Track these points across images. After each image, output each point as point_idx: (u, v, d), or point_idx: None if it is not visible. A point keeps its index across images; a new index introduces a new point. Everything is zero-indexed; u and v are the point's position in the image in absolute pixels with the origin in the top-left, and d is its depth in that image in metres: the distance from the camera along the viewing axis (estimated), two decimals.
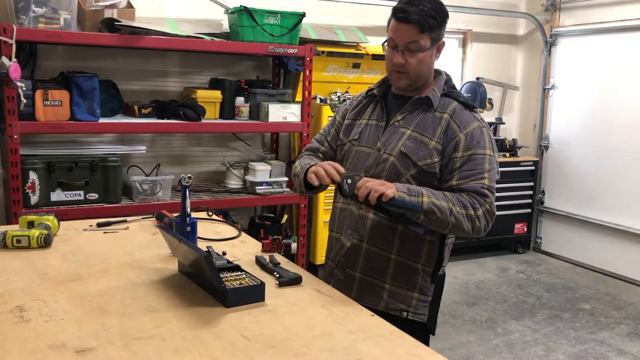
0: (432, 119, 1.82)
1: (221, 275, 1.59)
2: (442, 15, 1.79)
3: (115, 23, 3.27)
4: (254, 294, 1.56)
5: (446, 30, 1.85)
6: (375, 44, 4.56)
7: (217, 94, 3.83)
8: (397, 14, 1.77)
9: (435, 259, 1.87)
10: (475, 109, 1.87)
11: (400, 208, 1.66)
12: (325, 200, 4.15)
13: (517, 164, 5.55)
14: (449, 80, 1.92)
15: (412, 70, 1.80)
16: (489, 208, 1.75)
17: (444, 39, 1.84)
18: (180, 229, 1.86)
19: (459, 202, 1.72)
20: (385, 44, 1.84)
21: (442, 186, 1.80)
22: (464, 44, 5.75)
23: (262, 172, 3.92)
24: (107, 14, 3.35)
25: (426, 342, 1.89)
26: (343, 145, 1.99)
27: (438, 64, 1.95)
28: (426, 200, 1.68)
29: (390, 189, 1.65)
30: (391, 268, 1.85)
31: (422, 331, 1.88)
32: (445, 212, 1.69)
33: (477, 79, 5.47)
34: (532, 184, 5.64)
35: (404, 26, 1.76)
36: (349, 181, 1.68)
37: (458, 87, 5.60)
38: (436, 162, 1.79)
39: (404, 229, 1.81)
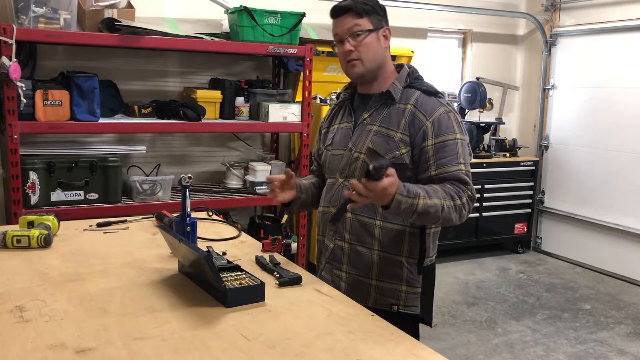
0: (396, 111, 1.85)
1: (221, 275, 1.59)
2: (377, 3, 1.87)
3: (115, 23, 3.27)
4: (254, 294, 1.56)
5: (447, 30, 1.86)
6: None
7: (217, 94, 3.83)
8: (333, 11, 1.88)
9: (418, 250, 1.88)
10: (439, 95, 1.88)
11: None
12: None
13: (517, 164, 5.55)
14: (412, 72, 1.94)
15: (362, 55, 1.84)
16: (470, 194, 1.79)
17: (387, 27, 1.89)
18: (180, 229, 1.86)
19: (448, 195, 1.74)
20: (335, 46, 1.91)
21: (420, 177, 1.82)
22: (464, 44, 5.74)
23: (262, 172, 3.92)
24: (107, 14, 3.35)
25: (417, 332, 1.91)
26: (322, 153, 2.05)
27: (437, 63, 1.96)
28: (421, 203, 1.69)
29: (388, 197, 1.64)
30: (375, 264, 1.88)
31: (413, 323, 1.91)
32: (438, 210, 1.71)
33: (477, 79, 5.47)
34: (532, 184, 5.64)
35: (341, 18, 1.85)
36: (376, 165, 1.60)
37: (458, 87, 5.65)
38: (404, 154, 1.81)
39: (383, 224, 1.85)
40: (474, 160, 5.25)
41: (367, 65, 1.86)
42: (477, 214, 5.26)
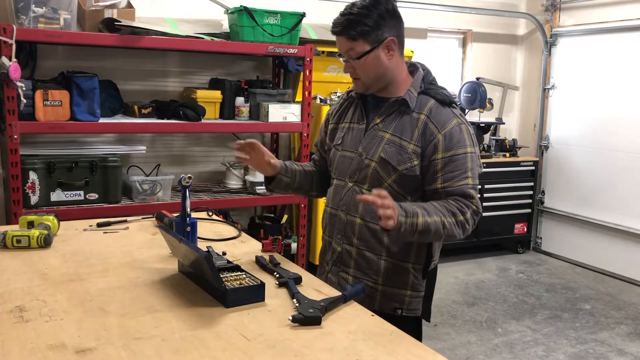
0: (410, 120, 1.81)
1: (221, 275, 1.59)
2: (375, 16, 1.75)
3: (115, 23, 3.27)
4: (254, 294, 1.56)
5: (447, 30, 1.84)
6: None
7: (217, 94, 3.83)
8: (331, 28, 1.83)
9: (424, 257, 1.88)
10: (454, 105, 1.84)
11: None
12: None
13: (517, 164, 5.55)
14: (427, 74, 1.89)
15: (362, 75, 1.83)
16: (475, 209, 1.76)
17: (391, 37, 1.78)
18: (180, 229, 1.86)
19: (449, 212, 1.72)
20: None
21: (427, 189, 1.80)
22: (464, 44, 5.75)
23: None
24: (107, 14, 3.35)
25: (419, 332, 1.92)
26: (330, 150, 2.01)
27: (437, 63, 1.93)
28: (420, 221, 1.67)
29: (390, 220, 1.61)
30: (382, 270, 1.86)
31: (415, 323, 1.91)
32: (439, 227, 1.70)
33: (477, 79, 5.46)
34: (532, 184, 5.64)
35: (338, 38, 1.82)
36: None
37: (458, 87, 5.65)
38: (416, 165, 1.78)
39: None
40: None
41: (368, 83, 1.84)
42: None
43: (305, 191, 2.12)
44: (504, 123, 5.71)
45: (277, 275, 1.72)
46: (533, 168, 5.63)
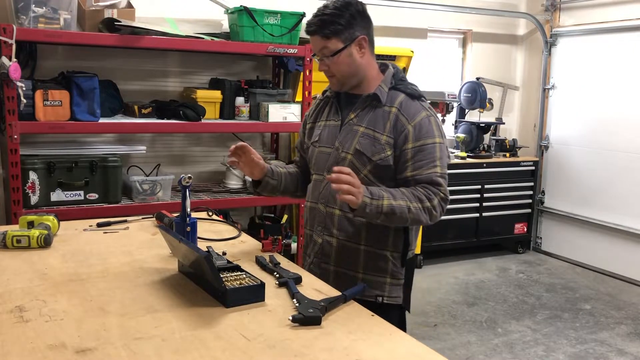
0: (382, 114, 1.90)
1: (221, 275, 1.59)
2: (347, 15, 1.85)
3: (115, 23, 3.27)
4: (254, 294, 1.56)
5: (447, 30, 1.86)
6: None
7: (217, 94, 3.83)
8: (305, 28, 1.93)
9: (402, 245, 1.94)
10: (422, 98, 1.93)
11: None
12: None
13: (517, 164, 5.55)
14: (397, 72, 1.98)
15: (336, 73, 1.92)
16: (443, 196, 1.84)
17: (362, 35, 1.88)
18: (180, 229, 1.86)
19: (415, 197, 1.80)
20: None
21: (398, 178, 1.88)
22: (464, 44, 5.74)
23: None
24: (107, 14, 3.35)
25: (403, 321, 1.99)
26: (308, 148, 2.10)
27: (437, 63, 1.97)
28: (386, 203, 1.75)
29: (349, 195, 1.70)
30: (362, 258, 1.94)
31: (398, 312, 1.98)
32: (404, 211, 1.77)
33: (477, 79, 5.46)
34: (532, 184, 5.64)
35: (312, 37, 1.91)
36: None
37: (458, 87, 5.65)
38: (389, 156, 1.87)
39: (369, 221, 1.87)
40: (474, 161, 5.26)
41: (342, 80, 1.93)
42: (477, 214, 5.26)
43: (291, 192, 2.19)
44: (504, 123, 5.71)
45: (277, 275, 1.72)
46: (533, 168, 5.63)
